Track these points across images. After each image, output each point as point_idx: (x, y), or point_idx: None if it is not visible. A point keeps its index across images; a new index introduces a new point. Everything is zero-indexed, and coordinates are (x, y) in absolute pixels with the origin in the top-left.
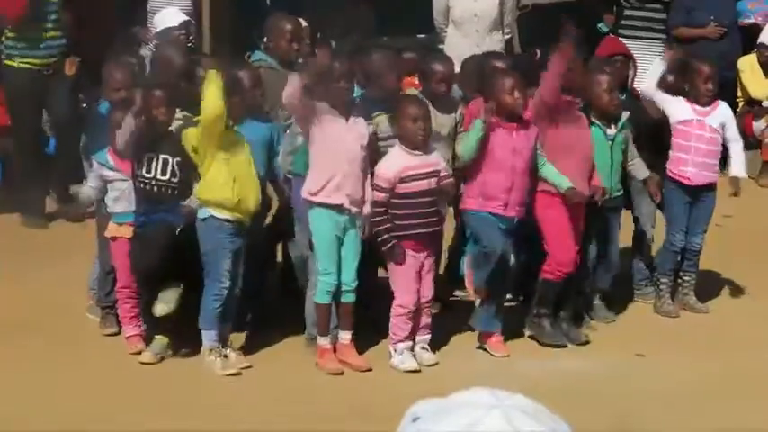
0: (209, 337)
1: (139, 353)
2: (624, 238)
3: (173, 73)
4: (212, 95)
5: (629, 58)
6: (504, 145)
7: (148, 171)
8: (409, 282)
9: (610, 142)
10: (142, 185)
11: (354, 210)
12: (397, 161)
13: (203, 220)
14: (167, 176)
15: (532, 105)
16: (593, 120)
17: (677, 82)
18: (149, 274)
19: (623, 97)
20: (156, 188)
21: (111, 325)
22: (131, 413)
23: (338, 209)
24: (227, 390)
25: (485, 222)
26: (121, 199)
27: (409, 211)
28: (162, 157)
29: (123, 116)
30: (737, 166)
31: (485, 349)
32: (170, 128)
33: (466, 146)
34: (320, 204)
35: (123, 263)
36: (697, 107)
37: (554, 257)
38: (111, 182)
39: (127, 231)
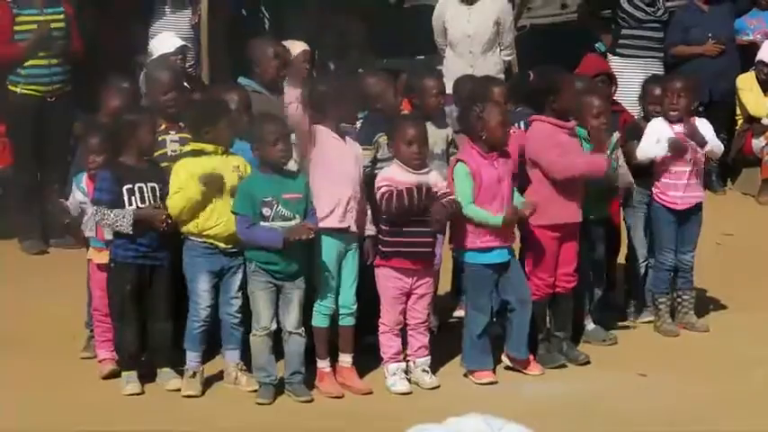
0: (188, 358)
1: (109, 377)
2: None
3: (161, 92)
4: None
5: (611, 77)
6: (491, 176)
7: (130, 203)
8: (391, 301)
9: None
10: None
11: (356, 231)
12: (394, 174)
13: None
14: (146, 204)
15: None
16: (587, 142)
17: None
18: (119, 308)
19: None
20: None
21: (88, 349)
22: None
23: (345, 232)
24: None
25: (480, 281)
26: (91, 223)
27: (398, 228)
28: (143, 185)
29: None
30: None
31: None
32: (158, 152)
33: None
34: (327, 229)
35: (97, 285)
36: (676, 128)
37: (531, 279)
38: (84, 204)
39: (103, 257)
